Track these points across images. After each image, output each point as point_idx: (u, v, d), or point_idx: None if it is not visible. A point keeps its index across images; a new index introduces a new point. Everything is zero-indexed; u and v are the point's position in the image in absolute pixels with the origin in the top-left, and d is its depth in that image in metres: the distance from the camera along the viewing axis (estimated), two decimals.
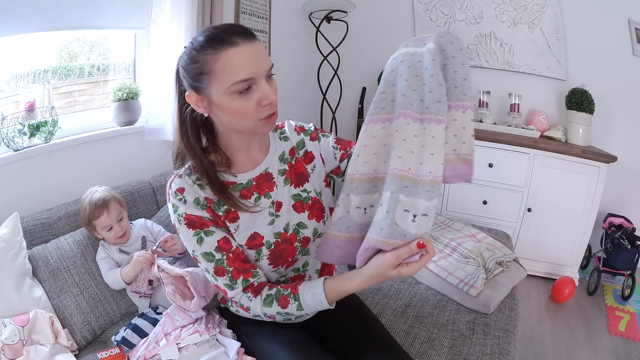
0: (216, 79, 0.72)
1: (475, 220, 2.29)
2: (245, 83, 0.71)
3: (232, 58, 0.70)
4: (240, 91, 0.72)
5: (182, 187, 0.80)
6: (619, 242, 2.14)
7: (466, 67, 0.71)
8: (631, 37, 2.29)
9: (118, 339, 1.05)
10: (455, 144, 0.73)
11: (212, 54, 0.71)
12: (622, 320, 2.01)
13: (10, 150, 1.32)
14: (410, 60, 0.72)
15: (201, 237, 0.79)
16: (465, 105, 0.71)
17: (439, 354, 1.12)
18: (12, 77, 1.40)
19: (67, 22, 1.44)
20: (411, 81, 0.71)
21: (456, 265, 1.47)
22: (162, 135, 1.76)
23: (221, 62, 0.71)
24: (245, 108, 0.73)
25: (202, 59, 0.72)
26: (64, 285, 1.15)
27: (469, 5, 2.57)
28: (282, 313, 0.81)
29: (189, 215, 0.79)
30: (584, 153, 2.16)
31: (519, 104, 2.46)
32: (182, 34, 1.69)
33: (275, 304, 0.81)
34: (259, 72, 0.73)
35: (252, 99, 0.73)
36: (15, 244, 1.11)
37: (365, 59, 2.92)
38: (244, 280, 0.81)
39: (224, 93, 0.72)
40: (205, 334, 0.97)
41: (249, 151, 0.88)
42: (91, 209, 1.20)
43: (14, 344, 0.95)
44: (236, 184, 0.85)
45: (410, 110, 0.71)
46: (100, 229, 1.22)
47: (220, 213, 0.82)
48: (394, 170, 0.70)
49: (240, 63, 0.71)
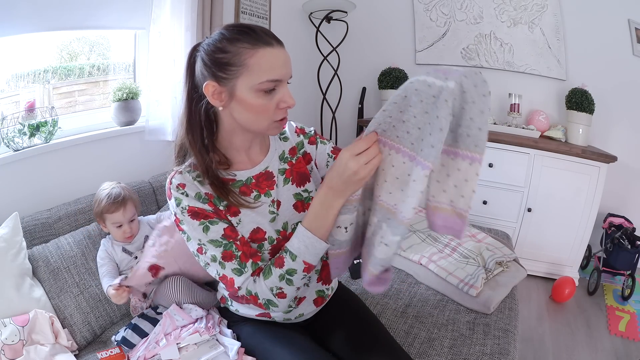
0: (247, 73, 0.73)
1: (475, 220, 2.29)
2: (274, 83, 0.75)
3: (269, 57, 0.74)
4: (267, 90, 0.74)
5: (183, 183, 0.81)
6: (619, 242, 2.14)
7: (485, 116, 0.63)
8: (631, 37, 2.29)
9: (118, 338, 1.05)
10: (454, 195, 0.68)
11: (247, 48, 0.73)
12: (622, 320, 2.01)
13: (10, 150, 1.32)
14: (425, 93, 0.65)
15: (207, 225, 0.79)
16: (474, 158, 0.65)
17: (439, 354, 1.12)
18: (12, 77, 1.40)
19: (67, 22, 1.44)
20: (419, 118, 0.67)
21: (456, 265, 1.47)
22: (162, 135, 1.76)
23: (256, 58, 0.73)
24: (266, 107, 0.76)
25: (235, 51, 0.73)
26: (64, 285, 1.15)
27: (469, 5, 2.57)
28: (283, 274, 0.78)
29: (192, 207, 0.79)
30: (584, 153, 2.16)
31: (519, 104, 2.46)
32: (182, 34, 1.69)
33: (274, 269, 0.78)
34: (286, 76, 0.77)
35: (274, 100, 0.76)
36: (15, 244, 1.11)
37: (365, 59, 2.92)
38: (253, 264, 0.80)
39: (251, 89, 0.74)
40: (205, 333, 0.97)
41: (249, 151, 0.88)
42: (109, 202, 1.20)
43: (14, 344, 0.95)
44: (235, 180, 0.86)
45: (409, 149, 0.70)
46: (111, 223, 1.22)
47: (221, 207, 0.83)
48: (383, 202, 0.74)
49: (275, 63, 0.74)
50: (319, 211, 0.76)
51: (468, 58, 2.62)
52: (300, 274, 0.78)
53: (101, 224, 1.25)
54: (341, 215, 0.77)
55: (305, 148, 0.97)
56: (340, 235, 0.79)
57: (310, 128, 1.00)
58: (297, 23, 2.75)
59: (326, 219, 0.76)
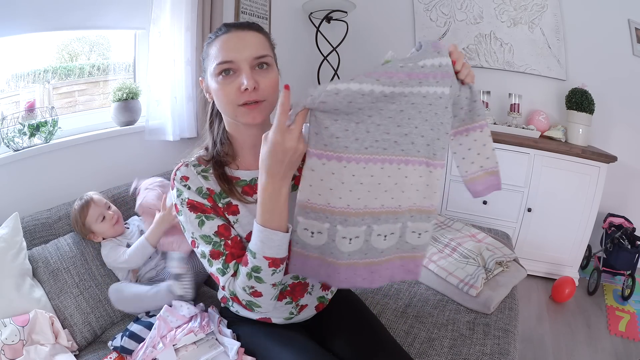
0: (208, 62, 0.79)
1: (475, 220, 2.28)
2: (225, 65, 0.76)
3: (220, 43, 0.77)
4: (221, 73, 0.76)
5: (187, 176, 0.83)
6: (619, 242, 2.14)
7: (474, 89, 0.75)
8: (631, 37, 2.29)
9: (116, 344, 1.04)
10: (481, 160, 0.80)
11: (211, 40, 0.79)
12: (622, 320, 2.01)
13: (10, 150, 1.32)
14: (421, 104, 0.71)
15: (202, 220, 0.80)
16: (482, 125, 0.78)
17: (439, 354, 1.12)
18: (12, 77, 1.40)
19: (67, 22, 1.44)
20: (420, 128, 0.73)
21: (456, 265, 1.47)
22: (162, 135, 1.76)
23: (213, 47, 0.78)
24: (225, 91, 0.76)
25: (206, 46, 0.81)
26: (64, 286, 1.15)
27: (469, 5, 2.57)
28: (249, 272, 0.74)
29: (191, 201, 0.81)
30: (584, 153, 2.16)
31: (519, 104, 2.46)
32: (182, 34, 1.69)
33: (241, 268, 0.76)
34: (239, 57, 0.75)
35: (233, 84, 0.76)
36: (15, 244, 1.11)
37: (365, 59, 2.92)
38: (235, 264, 0.79)
39: (211, 75, 0.78)
40: (200, 332, 0.97)
41: (255, 150, 0.83)
42: (79, 210, 1.23)
43: (14, 344, 0.95)
44: (239, 179, 0.86)
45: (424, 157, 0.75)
46: (95, 223, 1.22)
47: (220, 205, 0.84)
48: None
49: (224, 47, 0.77)
50: (266, 203, 0.71)
51: (468, 58, 2.62)
52: (268, 270, 0.74)
53: (91, 236, 1.25)
54: (309, 220, 0.73)
55: None
56: (306, 237, 0.75)
57: None
58: (297, 23, 2.75)
59: (275, 209, 0.71)
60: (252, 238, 0.75)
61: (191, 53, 1.74)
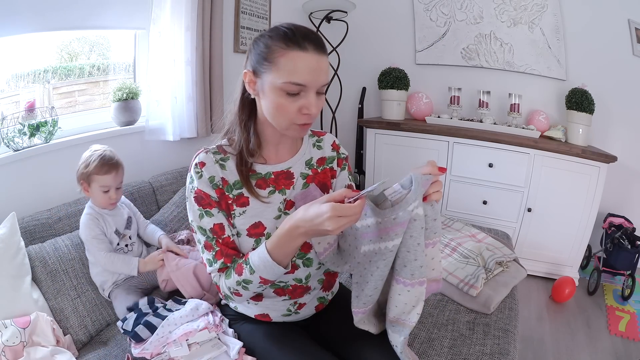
0: (276, 70, 0.76)
1: (475, 220, 2.29)
2: (297, 87, 0.76)
3: (297, 60, 0.75)
4: (290, 92, 0.76)
5: (204, 162, 0.85)
6: (619, 242, 2.14)
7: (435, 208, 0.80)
8: (631, 37, 2.29)
9: (127, 328, 1.02)
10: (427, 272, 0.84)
11: (281, 48, 0.76)
12: (622, 320, 2.01)
13: (10, 150, 1.32)
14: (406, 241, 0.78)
15: (202, 214, 0.84)
16: (435, 242, 0.83)
17: (439, 354, 1.12)
18: (12, 77, 1.40)
19: (67, 22, 1.44)
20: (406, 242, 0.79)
21: (456, 265, 1.47)
22: (162, 135, 1.76)
23: (286, 59, 0.76)
24: (287, 108, 0.78)
25: (271, 47, 0.77)
26: (62, 288, 1.15)
27: (469, 5, 2.57)
28: (240, 281, 0.81)
29: (199, 190, 0.84)
30: (584, 153, 2.16)
31: (519, 104, 2.46)
32: (182, 34, 1.69)
33: (233, 274, 0.82)
34: (313, 83, 0.77)
35: (296, 104, 0.77)
36: (13, 244, 1.11)
37: (365, 58, 2.92)
38: (222, 263, 0.85)
39: (276, 86, 0.77)
40: (213, 330, 0.97)
41: (278, 147, 0.91)
42: (101, 163, 1.17)
43: (15, 346, 0.95)
44: (255, 172, 0.88)
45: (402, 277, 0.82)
46: (98, 186, 1.18)
47: (230, 196, 0.86)
48: None
49: (301, 68, 0.75)
50: (283, 240, 0.76)
51: (468, 58, 2.62)
52: (256, 285, 0.81)
53: (84, 187, 1.20)
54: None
55: (333, 164, 0.98)
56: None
57: (345, 151, 1.02)
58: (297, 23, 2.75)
59: (288, 249, 0.77)
60: (255, 257, 0.79)
61: (191, 53, 1.74)
